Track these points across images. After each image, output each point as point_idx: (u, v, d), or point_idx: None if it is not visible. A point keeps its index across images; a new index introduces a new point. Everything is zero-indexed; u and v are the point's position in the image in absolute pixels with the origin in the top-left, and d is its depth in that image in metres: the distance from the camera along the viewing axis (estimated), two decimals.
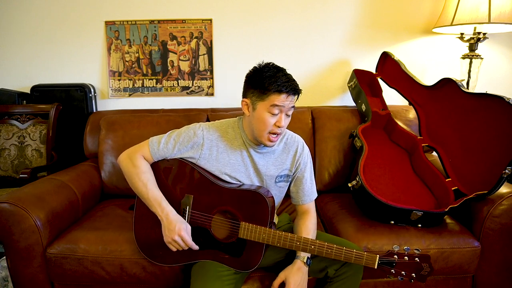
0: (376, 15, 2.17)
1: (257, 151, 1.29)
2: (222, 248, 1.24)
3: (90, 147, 2.02)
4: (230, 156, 1.29)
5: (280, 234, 1.18)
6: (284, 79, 1.15)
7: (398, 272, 1.11)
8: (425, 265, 1.10)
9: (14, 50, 2.23)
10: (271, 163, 1.32)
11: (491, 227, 1.40)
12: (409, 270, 1.11)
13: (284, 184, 1.36)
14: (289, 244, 1.18)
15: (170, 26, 2.19)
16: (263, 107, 1.16)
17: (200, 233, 1.26)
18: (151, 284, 1.41)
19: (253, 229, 1.19)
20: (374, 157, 1.73)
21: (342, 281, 1.23)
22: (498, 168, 1.37)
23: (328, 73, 2.25)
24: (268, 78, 1.14)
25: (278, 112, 1.17)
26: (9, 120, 2.11)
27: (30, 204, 1.39)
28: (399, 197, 1.58)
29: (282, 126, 1.18)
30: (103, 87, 2.29)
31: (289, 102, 1.17)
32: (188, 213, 1.26)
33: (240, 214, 1.23)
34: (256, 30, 2.19)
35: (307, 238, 1.18)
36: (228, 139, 1.29)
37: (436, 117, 1.75)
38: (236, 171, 1.29)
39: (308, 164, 1.36)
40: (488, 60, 2.15)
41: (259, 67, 1.20)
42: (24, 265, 1.41)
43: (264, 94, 1.15)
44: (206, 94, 2.28)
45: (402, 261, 1.11)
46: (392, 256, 1.12)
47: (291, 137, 1.36)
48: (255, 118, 1.19)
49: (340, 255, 1.15)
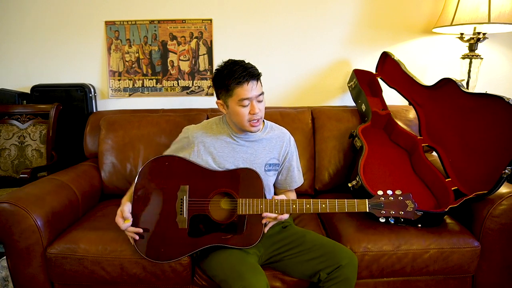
0: (376, 15, 2.17)
1: (244, 140, 1.39)
2: (224, 229, 1.28)
3: (90, 147, 2.02)
4: (217, 149, 1.38)
5: (277, 202, 1.25)
6: (240, 70, 1.23)
7: (387, 212, 1.23)
8: (408, 202, 1.23)
9: (14, 50, 2.24)
10: (260, 152, 1.40)
11: (491, 227, 1.40)
12: (396, 208, 1.23)
13: (273, 173, 1.43)
14: (286, 208, 1.25)
15: (170, 26, 2.19)
16: (233, 103, 1.27)
17: (200, 220, 1.30)
18: (151, 284, 1.41)
19: (250, 202, 1.26)
20: (374, 157, 1.73)
21: (335, 285, 1.23)
22: (498, 168, 1.37)
23: (328, 73, 2.25)
24: (227, 76, 1.24)
25: (248, 103, 1.27)
26: (9, 120, 2.11)
27: (30, 204, 1.39)
28: None
29: (256, 112, 1.28)
30: (103, 87, 2.29)
31: (253, 89, 1.25)
32: (185, 202, 1.29)
33: (236, 192, 1.29)
34: (256, 30, 2.19)
35: (301, 200, 1.25)
36: (213, 133, 1.40)
37: (436, 117, 1.75)
38: (226, 163, 1.36)
39: (295, 153, 1.49)
40: (488, 60, 2.15)
41: (219, 68, 1.30)
42: (24, 265, 1.41)
43: (229, 91, 1.26)
44: (206, 94, 2.29)
45: (388, 201, 1.23)
46: (379, 199, 1.24)
47: (278, 128, 1.48)
48: (231, 113, 1.31)
49: (333, 207, 1.23)
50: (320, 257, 1.26)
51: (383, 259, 1.39)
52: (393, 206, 1.23)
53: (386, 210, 1.23)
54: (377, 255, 1.39)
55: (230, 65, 1.26)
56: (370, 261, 1.39)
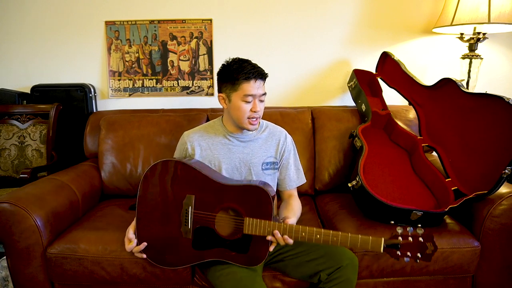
0: (376, 15, 2.17)
1: (240, 140, 1.39)
2: (228, 246, 1.24)
3: (90, 147, 2.02)
4: (213, 151, 1.38)
5: (285, 227, 1.18)
6: (249, 67, 1.27)
7: (403, 253, 1.11)
8: (429, 244, 1.10)
9: (14, 50, 2.24)
10: (256, 151, 1.40)
11: (491, 227, 1.40)
12: (414, 250, 1.11)
13: (272, 172, 1.43)
14: (295, 235, 1.18)
15: (170, 26, 2.19)
16: (237, 97, 1.28)
17: (204, 232, 1.26)
18: (151, 284, 1.41)
19: (258, 223, 1.19)
20: (374, 157, 1.73)
21: (336, 286, 1.22)
22: (498, 168, 1.37)
23: (328, 73, 2.25)
24: (236, 70, 1.26)
25: (252, 100, 1.28)
26: (9, 120, 2.11)
27: (30, 204, 1.39)
28: (399, 197, 1.58)
29: (257, 110, 1.29)
30: (103, 87, 2.29)
31: (259, 88, 1.28)
32: (190, 213, 1.26)
33: (243, 210, 1.23)
34: (256, 30, 2.19)
35: (312, 229, 1.18)
36: (209, 136, 1.40)
37: (436, 117, 1.75)
38: (222, 163, 1.37)
39: (292, 151, 1.47)
40: (488, 60, 2.15)
41: (226, 63, 1.32)
42: (24, 265, 1.41)
43: (235, 85, 1.27)
44: (206, 94, 2.28)
45: (406, 242, 1.11)
46: (397, 238, 1.12)
47: (274, 127, 1.48)
48: (232, 108, 1.31)
49: (346, 242, 1.15)
50: (320, 258, 1.26)
51: (383, 259, 1.39)
52: (411, 248, 1.11)
53: (402, 252, 1.11)
54: (377, 255, 1.38)
55: (239, 61, 1.29)
56: (370, 261, 1.39)
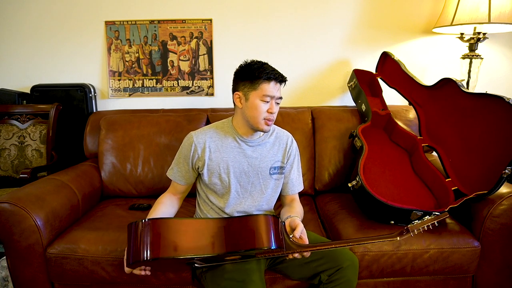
0: (376, 15, 2.17)
1: (249, 145, 1.36)
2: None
3: (90, 147, 2.02)
4: (222, 154, 1.34)
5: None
6: (270, 68, 1.26)
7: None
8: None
9: (14, 50, 2.23)
10: (264, 155, 1.38)
11: (491, 227, 1.40)
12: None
13: (279, 176, 1.41)
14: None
15: (170, 26, 2.19)
16: (255, 96, 1.25)
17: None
18: (151, 284, 1.41)
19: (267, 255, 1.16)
20: (374, 157, 1.73)
21: (336, 287, 1.22)
22: (498, 168, 1.37)
23: (328, 73, 2.25)
24: (257, 69, 1.25)
25: (269, 100, 1.26)
26: (9, 120, 2.11)
27: (30, 204, 1.39)
28: (399, 197, 1.58)
29: (274, 112, 1.28)
30: (103, 87, 2.29)
31: (278, 90, 1.28)
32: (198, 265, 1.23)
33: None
34: (256, 30, 2.19)
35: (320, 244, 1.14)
36: (219, 138, 1.36)
37: (436, 117, 1.75)
38: (230, 167, 1.34)
39: (296, 156, 1.46)
40: (488, 60, 2.16)
41: (246, 63, 1.30)
42: (24, 265, 1.41)
43: (255, 84, 1.25)
44: (206, 94, 2.28)
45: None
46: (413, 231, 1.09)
47: (280, 131, 1.46)
48: (249, 107, 1.27)
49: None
50: (321, 259, 1.25)
51: (383, 259, 1.39)
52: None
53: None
54: (377, 255, 1.39)
55: (259, 62, 1.28)
56: (370, 261, 1.39)
